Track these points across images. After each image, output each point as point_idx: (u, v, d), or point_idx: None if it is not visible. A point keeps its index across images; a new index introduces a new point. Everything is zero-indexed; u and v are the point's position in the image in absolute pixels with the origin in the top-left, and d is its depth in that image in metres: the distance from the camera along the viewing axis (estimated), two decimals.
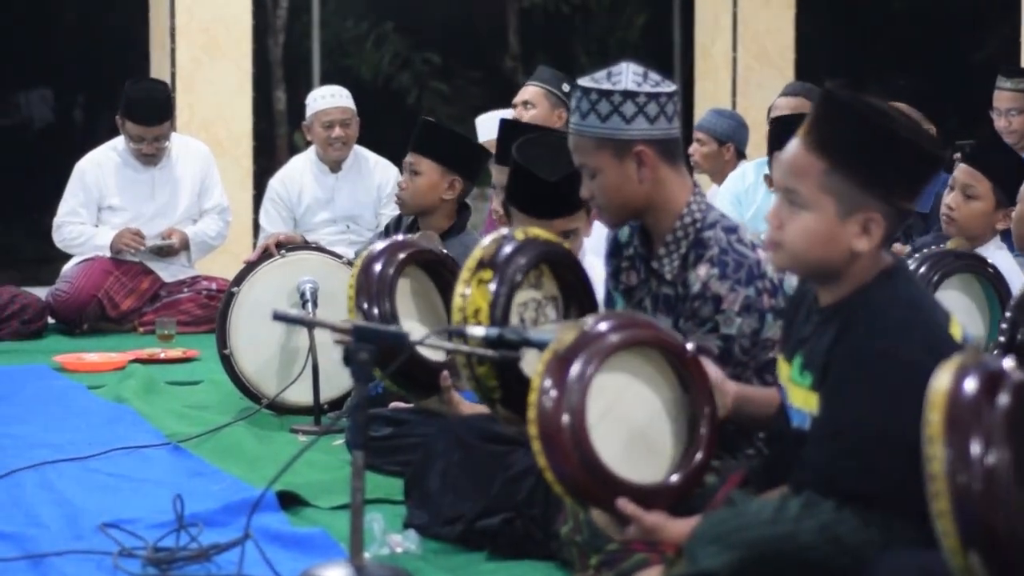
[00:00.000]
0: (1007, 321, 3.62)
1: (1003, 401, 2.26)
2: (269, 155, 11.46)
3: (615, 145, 3.26)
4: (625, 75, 3.25)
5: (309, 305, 5.10)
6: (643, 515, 2.78)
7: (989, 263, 4.40)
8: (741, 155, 7.46)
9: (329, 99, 7.54)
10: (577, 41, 13.48)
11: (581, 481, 2.76)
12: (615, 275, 3.50)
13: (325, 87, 7.80)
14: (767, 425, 3.07)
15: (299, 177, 7.64)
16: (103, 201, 7.38)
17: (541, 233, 3.44)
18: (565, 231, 3.90)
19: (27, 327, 7.03)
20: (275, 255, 5.39)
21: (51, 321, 7.24)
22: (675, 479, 2.86)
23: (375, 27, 13.10)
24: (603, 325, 2.87)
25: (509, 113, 6.88)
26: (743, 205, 6.78)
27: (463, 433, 3.73)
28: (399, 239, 3.99)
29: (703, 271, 3.25)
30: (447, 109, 12.99)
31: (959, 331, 2.72)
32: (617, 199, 3.31)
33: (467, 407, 3.83)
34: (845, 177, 2.66)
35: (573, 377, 2.78)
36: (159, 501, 3.85)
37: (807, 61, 10.04)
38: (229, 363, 5.29)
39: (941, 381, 2.29)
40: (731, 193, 6.90)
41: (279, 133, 12.56)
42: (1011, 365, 2.33)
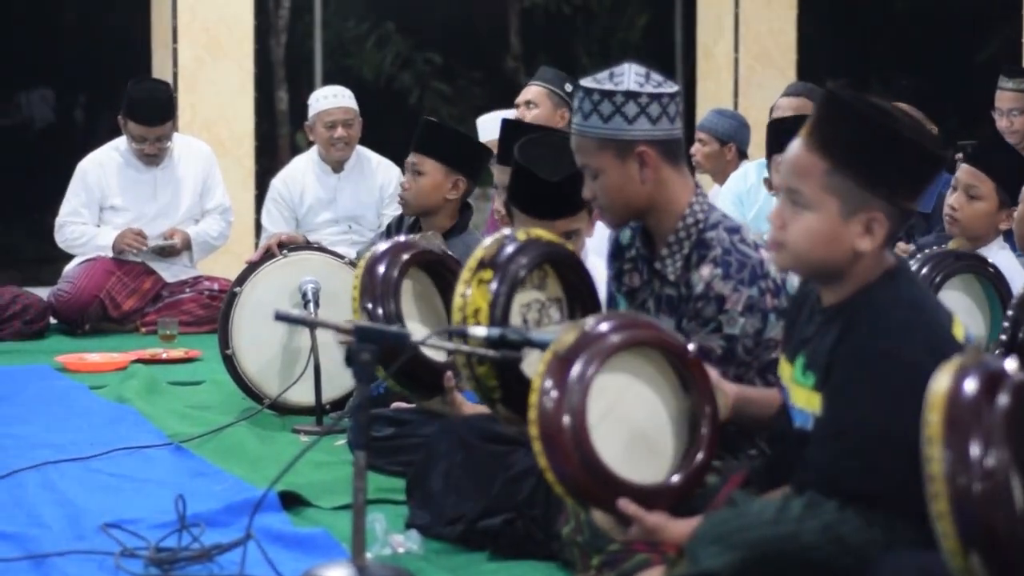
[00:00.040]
0: (1009, 320, 3.62)
1: (1003, 401, 2.26)
2: (271, 155, 11.47)
3: (617, 145, 3.26)
4: (627, 76, 3.25)
5: (311, 305, 5.11)
6: (644, 515, 2.78)
7: (989, 263, 4.40)
8: (743, 155, 7.46)
9: (332, 99, 7.54)
10: (578, 42, 13.48)
11: (582, 482, 2.76)
12: (617, 277, 3.50)
13: (328, 87, 7.80)
14: (768, 426, 3.07)
15: (301, 177, 7.64)
16: (105, 201, 7.38)
17: (544, 234, 3.43)
18: (567, 232, 3.89)
19: (29, 327, 7.03)
20: (277, 255, 5.39)
21: (53, 321, 7.24)
22: (676, 479, 2.86)
23: (377, 27, 13.11)
24: (604, 326, 2.87)
25: (511, 114, 6.87)
26: (745, 205, 6.78)
27: (465, 433, 3.73)
28: (401, 240, 3.98)
29: (706, 271, 3.25)
30: (448, 109, 13.00)
31: (961, 331, 2.72)
32: (619, 199, 3.31)
33: (469, 408, 3.83)
34: (848, 177, 2.66)
35: (574, 378, 2.78)
36: (161, 501, 3.86)
37: (809, 61, 10.04)
38: (231, 363, 5.29)
39: (940, 382, 2.29)
40: (733, 193, 6.91)
41: (281, 133, 12.57)
42: (1012, 365, 2.32)
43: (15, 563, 3.47)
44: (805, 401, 2.79)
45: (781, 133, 5.18)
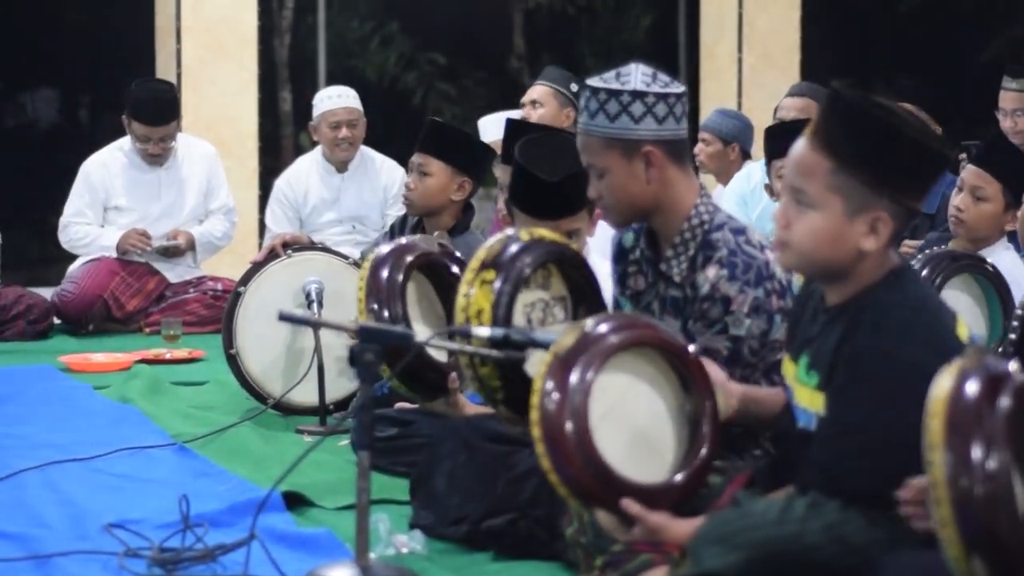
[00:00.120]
0: (1018, 320, 3.61)
1: (1004, 403, 2.25)
2: (274, 155, 11.47)
3: (624, 145, 3.26)
4: (634, 75, 3.25)
5: (314, 305, 5.10)
6: (647, 515, 2.78)
7: (988, 262, 4.40)
8: (746, 155, 7.46)
9: (336, 99, 7.54)
10: (582, 42, 13.47)
11: (585, 482, 2.76)
12: (621, 281, 3.50)
13: (332, 87, 7.80)
14: (773, 425, 3.07)
15: (305, 177, 7.64)
16: (109, 201, 7.38)
17: (547, 234, 3.43)
18: (568, 231, 3.89)
19: (33, 327, 7.03)
20: (281, 255, 5.38)
21: (57, 321, 7.24)
22: (679, 478, 2.86)
23: (380, 28, 13.10)
24: (603, 326, 2.87)
25: (515, 114, 6.87)
26: (749, 205, 6.78)
27: (468, 434, 3.73)
28: (403, 242, 3.98)
29: (712, 272, 3.25)
30: (452, 110, 12.99)
31: (965, 331, 2.72)
32: (625, 199, 3.30)
33: (472, 408, 3.83)
34: (852, 176, 2.66)
35: (575, 379, 2.78)
36: (164, 501, 3.85)
37: (812, 62, 10.03)
38: (235, 363, 5.29)
39: (941, 386, 2.28)
40: (737, 194, 6.90)
41: (284, 133, 12.57)
42: (1014, 367, 2.32)
43: (18, 563, 3.47)
44: (808, 401, 2.78)
45: (779, 138, 5.19)
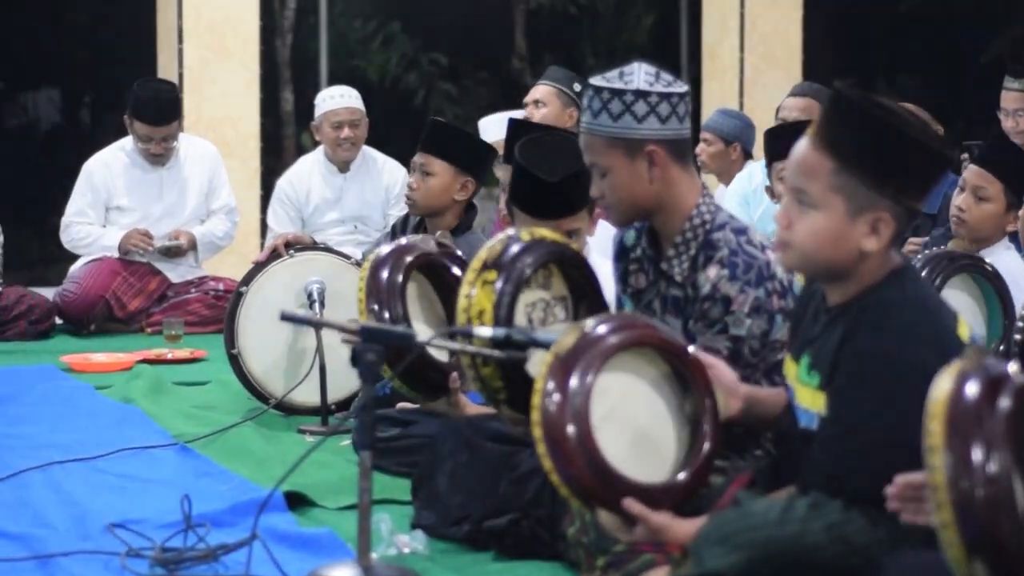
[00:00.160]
0: (1023, 321, 3.61)
1: (1004, 405, 2.25)
2: (276, 155, 11.48)
3: (626, 144, 3.26)
4: (637, 75, 3.25)
5: (316, 305, 5.11)
6: (649, 515, 2.78)
7: (986, 262, 4.39)
8: (748, 155, 7.47)
9: (338, 99, 7.54)
10: (584, 42, 13.48)
11: (587, 482, 2.76)
12: (623, 279, 3.50)
13: (334, 87, 7.79)
14: (775, 426, 3.07)
15: (307, 177, 7.64)
16: (111, 201, 7.39)
17: (548, 234, 3.43)
18: (568, 231, 3.88)
19: (34, 327, 7.04)
20: (283, 255, 5.38)
21: (58, 321, 7.25)
22: (681, 477, 2.86)
23: (382, 28, 13.11)
24: (603, 327, 2.87)
25: (516, 114, 6.87)
26: (751, 206, 6.78)
27: (470, 434, 3.73)
28: (402, 243, 3.98)
29: (713, 272, 3.25)
30: (454, 110, 13.00)
31: (966, 331, 2.72)
32: (627, 198, 3.30)
33: (473, 408, 3.83)
34: (854, 176, 2.66)
35: (575, 379, 2.78)
36: (166, 501, 3.85)
37: (814, 62, 10.03)
38: (237, 363, 5.29)
39: (941, 388, 2.27)
40: (739, 194, 6.91)
41: (286, 133, 12.57)
42: (1013, 368, 2.31)
43: (21, 563, 3.47)
44: (810, 401, 2.78)
45: (779, 140, 5.19)
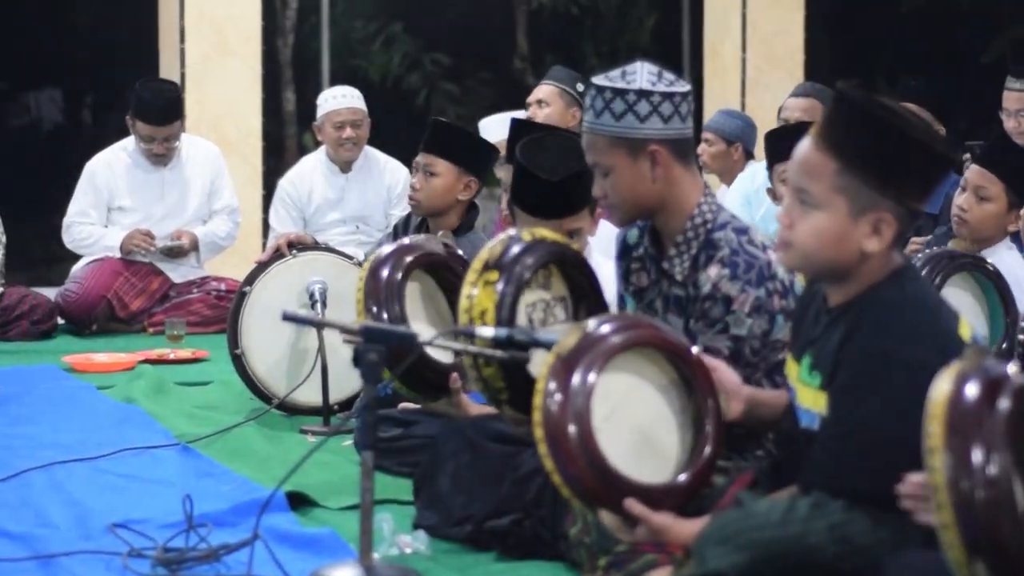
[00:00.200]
0: None
1: (1004, 405, 2.25)
2: (278, 155, 11.47)
3: (629, 144, 3.26)
4: (640, 74, 3.25)
5: (318, 306, 5.11)
6: (651, 516, 2.78)
7: (987, 261, 4.39)
8: (749, 155, 7.47)
9: (340, 99, 7.54)
10: (586, 42, 13.47)
11: (588, 483, 2.76)
12: (625, 277, 3.50)
13: (336, 87, 7.80)
14: (777, 428, 3.07)
15: (309, 177, 7.64)
16: (113, 202, 7.38)
17: (549, 234, 3.43)
18: (569, 231, 3.88)
19: (36, 327, 7.04)
20: (286, 255, 5.39)
21: (60, 321, 7.24)
22: (683, 478, 2.86)
23: (384, 28, 13.10)
24: (605, 327, 2.87)
25: (517, 115, 6.87)
26: (752, 206, 6.78)
27: (472, 434, 3.73)
28: (406, 242, 3.98)
29: (714, 272, 3.25)
30: (456, 110, 12.99)
31: (968, 331, 2.72)
32: (630, 198, 3.30)
33: (475, 408, 3.83)
34: (857, 177, 2.66)
35: (577, 380, 2.78)
36: (168, 501, 3.86)
37: (816, 62, 10.03)
38: (240, 363, 5.29)
39: (940, 389, 2.28)
40: (741, 194, 6.91)
41: (288, 133, 12.56)
42: (1013, 369, 2.32)
43: (23, 563, 3.47)
44: (811, 401, 2.78)
45: (780, 142, 5.18)
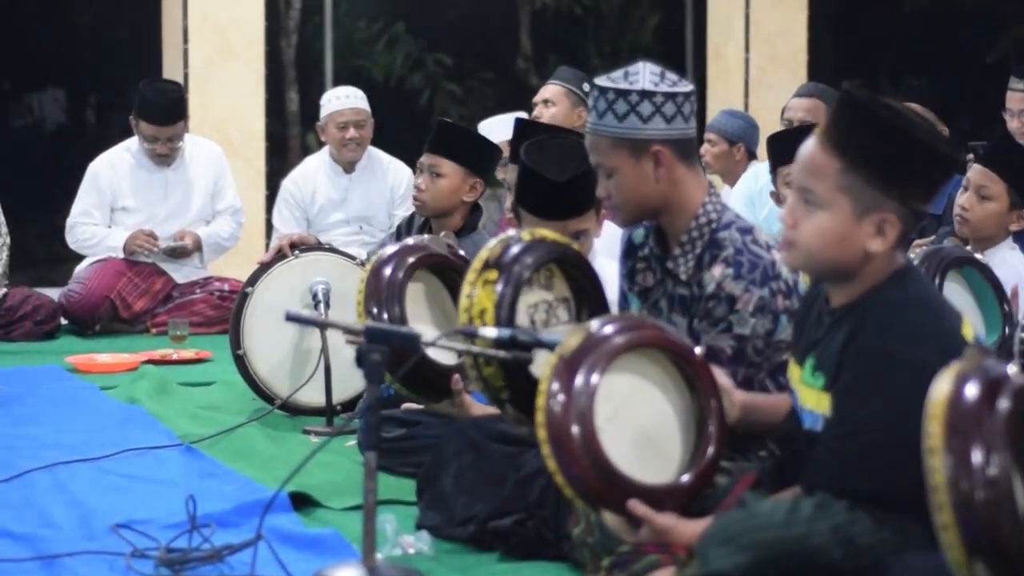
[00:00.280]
0: None
1: (1003, 406, 2.25)
2: (281, 156, 11.47)
3: (632, 145, 3.26)
4: (642, 75, 3.25)
5: (321, 306, 5.10)
6: (654, 516, 2.77)
7: (975, 256, 4.39)
8: (752, 155, 7.48)
9: (344, 100, 7.55)
10: (589, 43, 13.47)
11: (592, 484, 2.76)
12: (630, 276, 3.50)
13: (340, 88, 7.80)
14: (774, 433, 3.06)
15: (312, 177, 7.65)
16: (116, 202, 7.39)
17: (549, 234, 3.43)
18: (575, 232, 3.89)
19: (40, 328, 7.04)
20: (289, 256, 5.39)
21: (64, 322, 7.25)
22: (686, 479, 2.86)
23: (387, 28, 13.10)
24: (608, 328, 2.87)
25: (522, 115, 6.88)
26: (756, 206, 6.78)
27: (475, 434, 3.73)
28: (409, 242, 3.97)
29: (718, 271, 3.25)
30: (459, 110, 12.99)
31: (970, 331, 2.72)
32: (634, 199, 3.31)
33: (478, 409, 3.83)
34: (861, 177, 2.66)
35: (580, 380, 2.78)
36: (172, 502, 3.86)
37: (819, 62, 10.03)
38: (243, 363, 5.29)
39: (940, 389, 2.27)
40: (744, 194, 6.91)
41: (291, 134, 12.57)
42: (1014, 370, 2.31)
43: (26, 563, 3.47)
44: (815, 402, 2.78)
45: (784, 145, 5.18)
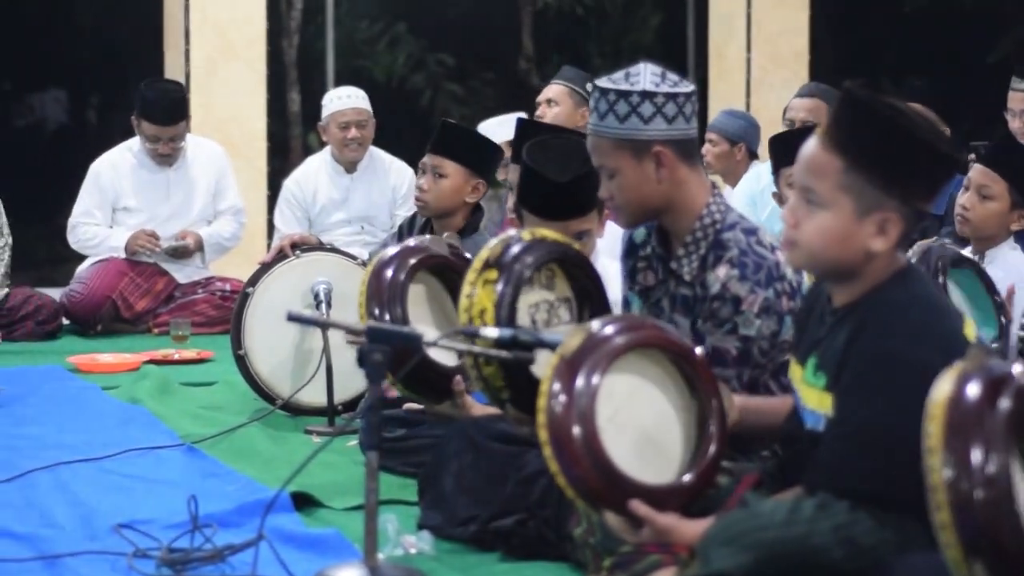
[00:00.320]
0: None
1: (1004, 405, 2.25)
2: (283, 156, 11.47)
3: (634, 145, 3.26)
4: (643, 75, 3.25)
5: (323, 306, 5.10)
6: (655, 517, 2.77)
7: (969, 256, 4.39)
8: (753, 155, 7.48)
9: (345, 100, 7.55)
10: (591, 43, 13.47)
11: (593, 484, 2.76)
12: (631, 276, 3.50)
13: (341, 88, 7.81)
14: (774, 436, 3.06)
15: (314, 177, 7.65)
16: (118, 202, 7.39)
17: (550, 234, 3.43)
18: (578, 232, 3.89)
19: (42, 328, 7.04)
20: (290, 256, 5.39)
21: (66, 322, 7.25)
22: (687, 479, 2.86)
23: (389, 28, 13.10)
24: (609, 328, 2.87)
25: (523, 115, 6.88)
26: (758, 206, 6.78)
27: (476, 434, 3.73)
28: (410, 244, 3.97)
29: (722, 272, 3.25)
30: (461, 110, 12.99)
31: (972, 331, 2.72)
32: (636, 199, 3.30)
33: (479, 409, 3.83)
34: (863, 176, 2.66)
35: (581, 381, 2.78)
36: (173, 502, 3.86)
37: (821, 62, 10.03)
38: (244, 364, 5.29)
39: (941, 390, 2.27)
40: (746, 195, 6.91)
41: (293, 134, 12.56)
42: (1019, 369, 2.31)
43: (28, 563, 3.47)
44: (817, 402, 2.78)
45: (785, 146, 5.18)
